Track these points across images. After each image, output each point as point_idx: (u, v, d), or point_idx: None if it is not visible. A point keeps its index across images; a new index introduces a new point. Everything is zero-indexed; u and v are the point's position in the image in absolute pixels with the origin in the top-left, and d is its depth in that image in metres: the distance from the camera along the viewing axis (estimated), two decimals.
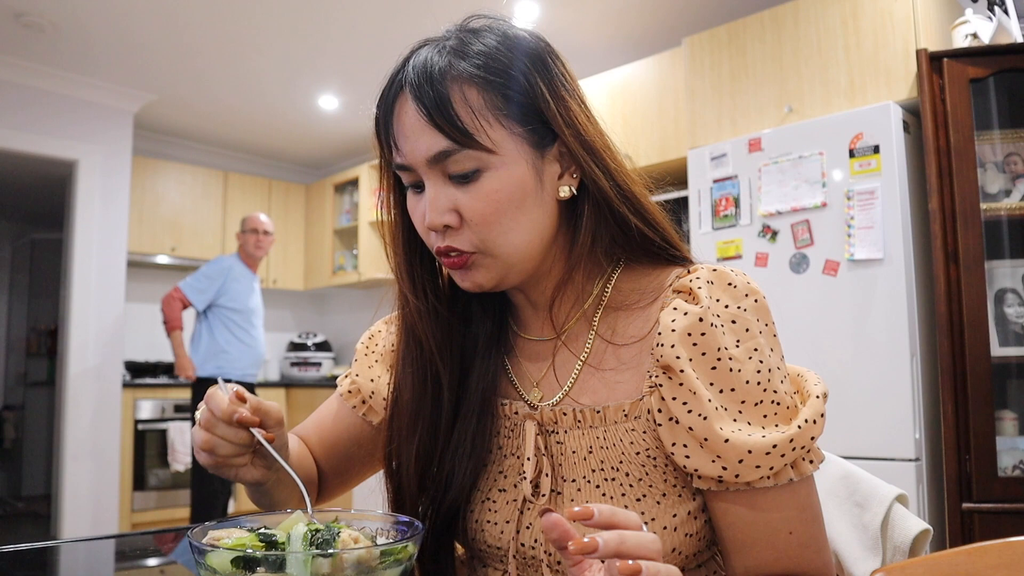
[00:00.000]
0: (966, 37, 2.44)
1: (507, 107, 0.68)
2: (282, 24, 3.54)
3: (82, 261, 4.15)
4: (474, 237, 0.69)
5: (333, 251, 5.44)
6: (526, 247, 0.70)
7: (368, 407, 0.87)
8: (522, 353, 0.80)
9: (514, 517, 0.73)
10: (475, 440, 0.76)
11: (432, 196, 0.69)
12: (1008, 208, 2.31)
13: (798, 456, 0.65)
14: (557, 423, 0.73)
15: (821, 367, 2.37)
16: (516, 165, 0.69)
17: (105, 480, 4.13)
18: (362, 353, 0.90)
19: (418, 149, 0.68)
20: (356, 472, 0.91)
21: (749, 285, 0.69)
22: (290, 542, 0.54)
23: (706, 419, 0.64)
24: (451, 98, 0.67)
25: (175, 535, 1.07)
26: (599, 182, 0.71)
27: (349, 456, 0.89)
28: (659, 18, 3.53)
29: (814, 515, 0.67)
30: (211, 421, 0.69)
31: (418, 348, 0.78)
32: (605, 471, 0.70)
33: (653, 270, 0.76)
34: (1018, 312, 2.29)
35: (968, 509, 2.16)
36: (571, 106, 0.71)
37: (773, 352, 0.68)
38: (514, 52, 0.70)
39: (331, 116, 4.76)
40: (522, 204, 0.69)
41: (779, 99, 2.75)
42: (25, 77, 3.99)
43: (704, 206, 2.79)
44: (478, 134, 0.67)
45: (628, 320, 0.74)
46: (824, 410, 0.67)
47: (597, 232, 0.73)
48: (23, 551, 0.88)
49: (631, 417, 0.69)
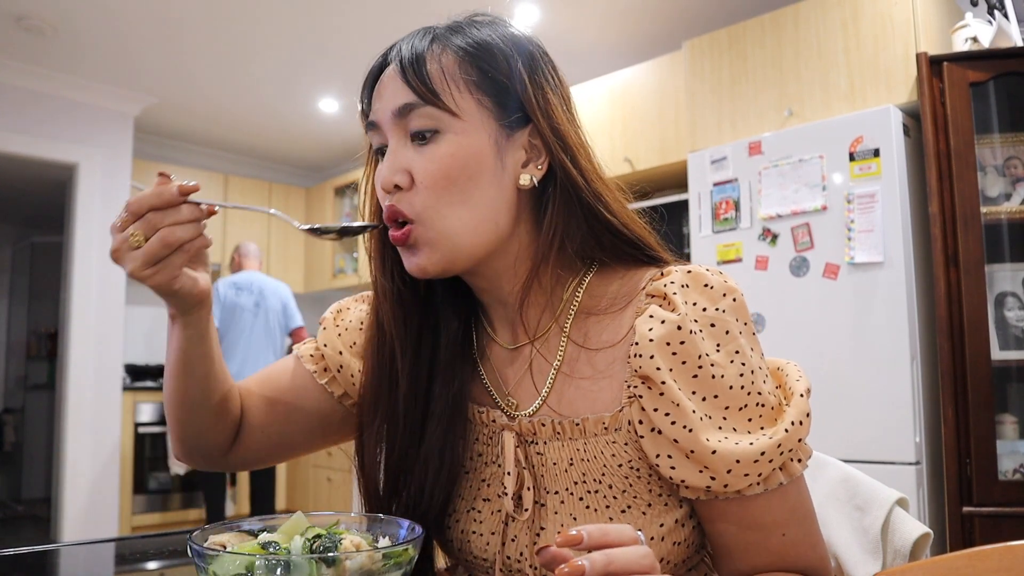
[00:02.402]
0: (966, 41, 2.45)
1: (481, 80, 0.68)
2: (282, 27, 3.54)
3: (82, 264, 4.15)
4: (419, 202, 0.67)
5: (333, 254, 5.45)
6: (474, 227, 0.68)
7: (331, 378, 0.82)
8: (495, 358, 0.78)
9: (499, 529, 0.71)
10: (447, 446, 0.73)
11: (389, 154, 0.69)
12: (1008, 212, 2.31)
13: (786, 459, 0.64)
14: (536, 434, 0.71)
15: (821, 370, 2.38)
16: (477, 135, 0.67)
17: (105, 483, 4.13)
18: (331, 323, 0.85)
19: (386, 104, 0.69)
20: (292, 437, 0.84)
21: (726, 284, 0.67)
22: (292, 549, 0.54)
23: (691, 431, 0.62)
24: (426, 57, 0.68)
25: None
26: (569, 173, 0.69)
27: (290, 417, 0.83)
28: (659, 21, 3.53)
29: (806, 513, 0.67)
30: (154, 215, 0.63)
31: (380, 332, 0.76)
32: (588, 483, 0.68)
33: (627, 272, 0.73)
34: (1018, 316, 2.29)
35: (968, 513, 2.15)
36: (550, 98, 0.70)
37: (754, 351, 0.66)
38: (503, 40, 0.71)
39: (331, 119, 4.76)
40: (476, 177, 0.67)
41: (779, 102, 2.75)
42: (26, 80, 4.00)
43: (704, 209, 2.79)
44: (443, 94, 0.67)
45: (601, 325, 0.71)
46: (809, 408, 0.66)
47: (567, 228, 0.70)
48: (23, 554, 0.88)
49: (611, 429, 0.67)
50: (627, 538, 0.50)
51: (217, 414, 0.78)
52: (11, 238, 6.76)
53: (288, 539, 0.56)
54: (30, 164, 4.18)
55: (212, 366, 0.75)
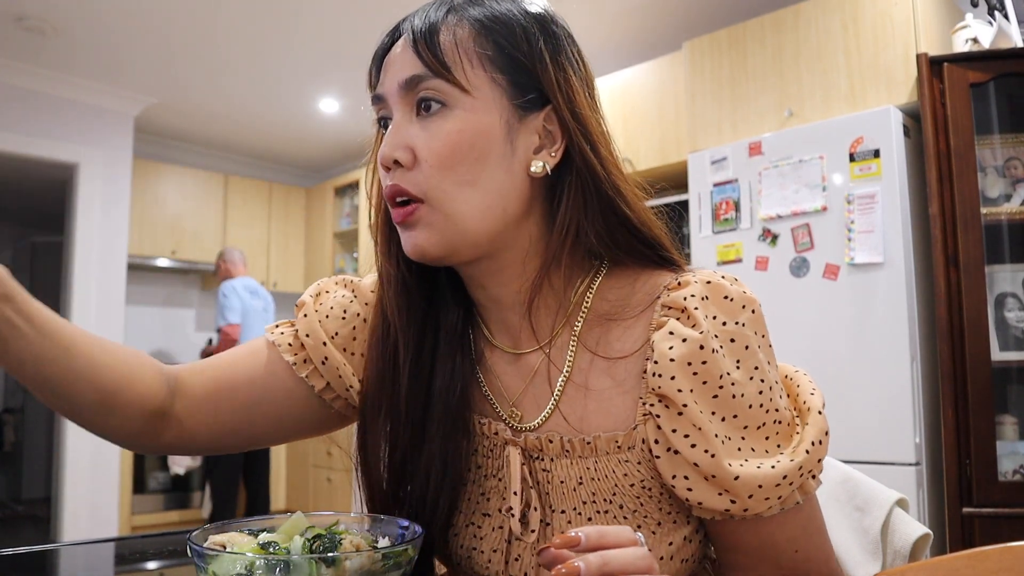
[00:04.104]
0: (966, 42, 2.45)
1: (497, 56, 0.64)
2: (283, 27, 3.54)
3: (82, 264, 4.15)
4: (423, 181, 0.63)
5: (333, 254, 5.45)
6: (480, 212, 0.63)
7: (312, 370, 0.75)
8: (495, 364, 0.72)
9: (501, 547, 0.68)
10: (448, 454, 0.69)
11: (392, 129, 0.65)
12: (1008, 212, 2.31)
13: (805, 479, 0.62)
14: (542, 450, 0.67)
15: (821, 371, 2.37)
16: (487, 114, 0.63)
17: (105, 483, 4.13)
18: (312, 309, 0.77)
19: (394, 75, 0.65)
20: (251, 428, 0.76)
21: (745, 295, 0.64)
22: (292, 549, 0.54)
23: (714, 456, 0.59)
24: (440, 28, 0.64)
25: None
26: (589, 161, 0.65)
27: (253, 408, 0.75)
28: (660, 22, 3.53)
29: (818, 527, 0.65)
30: None
31: (384, 324, 0.71)
32: (597, 503, 0.65)
33: (640, 274, 0.69)
34: (1018, 316, 2.29)
35: (968, 513, 2.15)
36: (572, 81, 0.66)
37: (771, 365, 0.64)
38: (525, 16, 0.66)
39: (332, 119, 4.76)
40: (483, 159, 0.63)
41: (779, 103, 2.75)
42: (26, 80, 4.00)
43: (704, 210, 2.79)
44: (454, 67, 0.63)
45: (614, 333, 0.67)
46: (828, 427, 0.64)
47: (583, 222, 0.66)
48: (22, 554, 0.88)
49: (624, 448, 0.64)
50: (625, 539, 0.49)
51: (108, 409, 0.68)
52: (11, 238, 6.76)
53: (288, 539, 0.56)
54: (31, 164, 4.18)
55: (61, 381, 0.65)
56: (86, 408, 0.67)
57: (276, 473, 4.95)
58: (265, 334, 0.78)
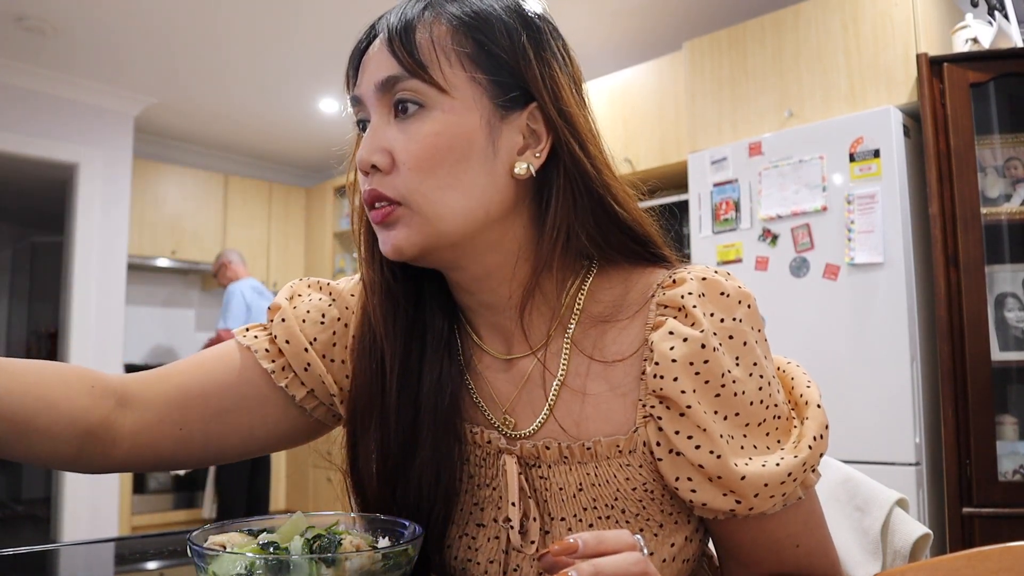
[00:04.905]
0: (966, 42, 2.45)
1: (477, 54, 0.62)
2: (283, 27, 3.54)
3: (82, 264, 4.15)
4: (402, 185, 0.61)
5: (333, 254, 5.45)
6: (462, 216, 0.61)
7: (292, 377, 0.72)
8: (485, 370, 0.70)
9: (498, 558, 0.66)
10: (439, 463, 0.66)
11: (369, 132, 0.63)
12: (1008, 212, 2.31)
13: (807, 474, 0.62)
14: (539, 457, 0.65)
15: (821, 371, 2.37)
16: (467, 114, 0.61)
17: (105, 483, 4.13)
18: (290, 313, 0.74)
19: (370, 76, 0.63)
20: (223, 441, 0.72)
21: (740, 290, 0.63)
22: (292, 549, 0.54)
23: (719, 457, 0.59)
24: (416, 25, 0.62)
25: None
26: (578, 160, 0.63)
27: (223, 419, 0.71)
28: (660, 22, 3.53)
29: (818, 521, 0.66)
30: None
31: (371, 331, 0.69)
32: (598, 509, 0.63)
33: (632, 273, 0.67)
34: (1018, 316, 2.29)
35: (968, 514, 2.15)
36: (558, 78, 0.64)
37: (767, 359, 0.63)
38: (507, 11, 0.64)
39: (331, 119, 4.76)
40: (464, 161, 0.61)
41: (779, 103, 2.75)
42: (26, 80, 4.00)
43: (704, 210, 2.79)
44: (431, 66, 0.60)
45: (609, 335, 0.65)
46: (827, 420, 0.63)
47: (573, 223, 0.64)
48: (22, 554, 0.88)
49: (625, 451, 0.62)
50: (624, 545, 0.49)
51: (26, 436, 0.63)
52: (11, 238, 6.76)
53: (288, 539, 0.56)
54: (31, 164, 4.18)
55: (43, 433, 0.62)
56: (2, 440, 0.61)
57: (276, 473, 4.95)
58: (236, 337, 0.74)
